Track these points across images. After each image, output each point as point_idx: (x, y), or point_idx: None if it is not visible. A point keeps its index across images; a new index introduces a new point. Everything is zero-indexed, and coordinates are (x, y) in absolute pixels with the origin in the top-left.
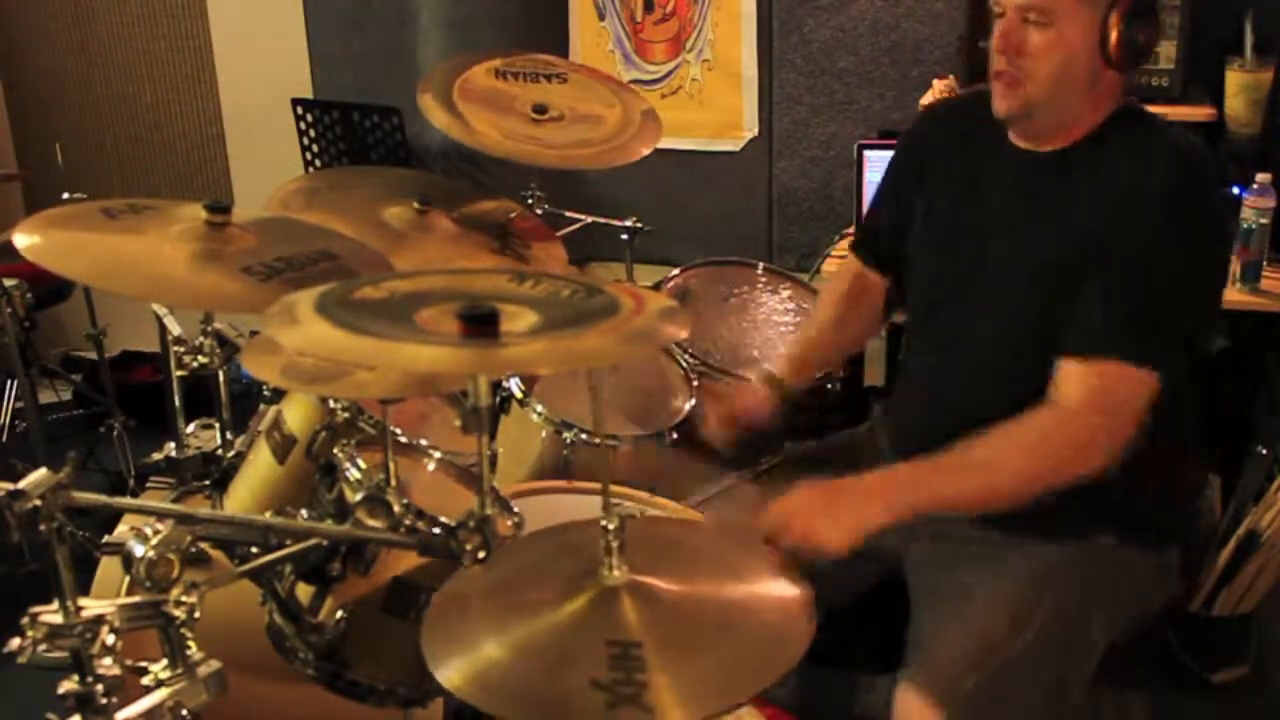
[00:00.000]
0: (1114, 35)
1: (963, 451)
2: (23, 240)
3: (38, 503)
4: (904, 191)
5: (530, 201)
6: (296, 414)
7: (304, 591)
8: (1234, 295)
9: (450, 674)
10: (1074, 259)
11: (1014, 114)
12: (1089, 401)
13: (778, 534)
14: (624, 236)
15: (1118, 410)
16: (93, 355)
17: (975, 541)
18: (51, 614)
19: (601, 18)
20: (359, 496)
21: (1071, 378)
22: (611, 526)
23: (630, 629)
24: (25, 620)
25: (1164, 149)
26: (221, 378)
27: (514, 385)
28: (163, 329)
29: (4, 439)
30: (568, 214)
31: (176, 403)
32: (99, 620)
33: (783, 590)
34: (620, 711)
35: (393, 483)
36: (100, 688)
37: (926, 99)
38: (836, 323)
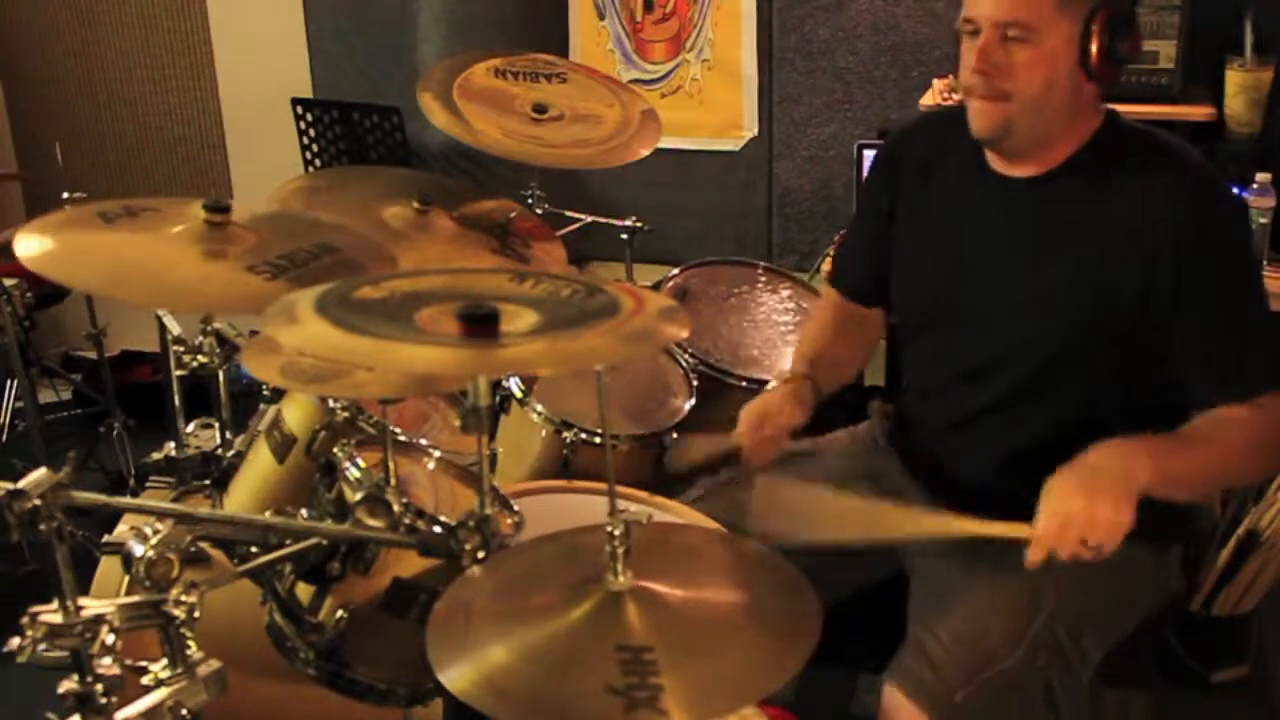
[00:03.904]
0: (1095, 47)
1: (1196, 427)
2: (25, 252)
3: (38, 502)
4: (876, 222)
5: (530, 201)
6: (296, 413)
7: (304, 591)
8: None
9: (458, 679)
10: (1090, 286)
11: (995, 134)
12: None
13: (1058, 546)
14: (624, 236)
15: None
16: (93, 355)
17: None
18: (51, 614)
19: (601, 17)
20: (359, 496)
21: (1246, 408)
22: (617, 532)
23: (639, 634)
24: (25, 620)
25: (1181, 176)
26: (221, 377)
27: (514, 385)
28: (162, 329)
29: (4, 439)
30: (568, 214)
31: (176, 402)
32: (99, 620)
33: (786, 590)
34: (638, 714)
35: (392, 482)
36: (100, 687)
37: (926, 99)
38: (833, 355)
